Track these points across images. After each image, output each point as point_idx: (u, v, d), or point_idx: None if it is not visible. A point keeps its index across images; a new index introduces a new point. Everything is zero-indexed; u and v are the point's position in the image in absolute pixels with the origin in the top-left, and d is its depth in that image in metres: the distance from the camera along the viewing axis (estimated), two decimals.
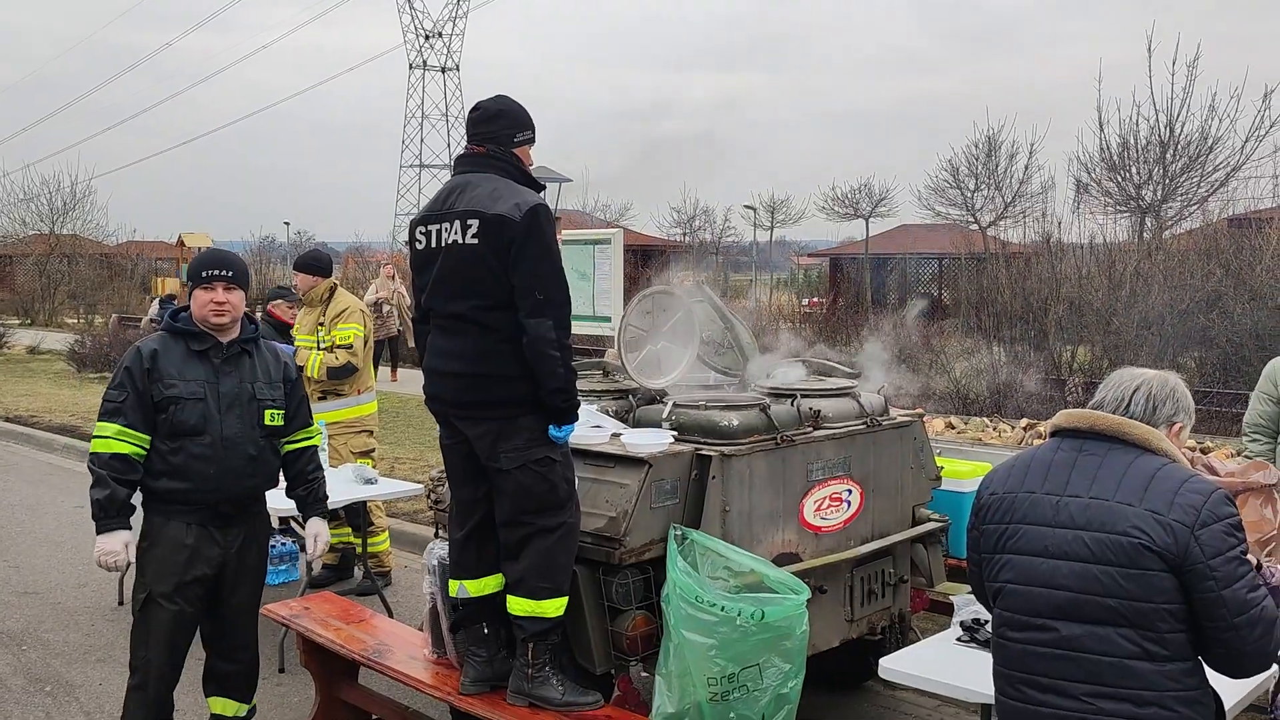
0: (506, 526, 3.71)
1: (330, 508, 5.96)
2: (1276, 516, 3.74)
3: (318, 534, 4.20)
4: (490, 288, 3.60)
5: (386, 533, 6.93)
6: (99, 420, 3.76)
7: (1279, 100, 20.42)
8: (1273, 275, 12.93)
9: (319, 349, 6.61)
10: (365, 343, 6.68)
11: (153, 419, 3.76)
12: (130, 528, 3.79)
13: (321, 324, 6.67)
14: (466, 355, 3.66)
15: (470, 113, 3.85)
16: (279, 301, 7.32)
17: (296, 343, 6.69)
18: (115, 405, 3.74)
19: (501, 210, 3.57)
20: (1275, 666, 2.93)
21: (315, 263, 6.87)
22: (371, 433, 6.88)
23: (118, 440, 3.72)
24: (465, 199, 3.66)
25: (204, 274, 3.86)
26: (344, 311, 6.67)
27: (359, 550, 6.61)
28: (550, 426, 3.63)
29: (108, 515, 3.74)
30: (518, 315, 3.58)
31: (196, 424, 3.79)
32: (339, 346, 6.57)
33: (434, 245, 3.72)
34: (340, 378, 6.62)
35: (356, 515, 6.62)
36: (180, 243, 38.77)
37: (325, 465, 6.25)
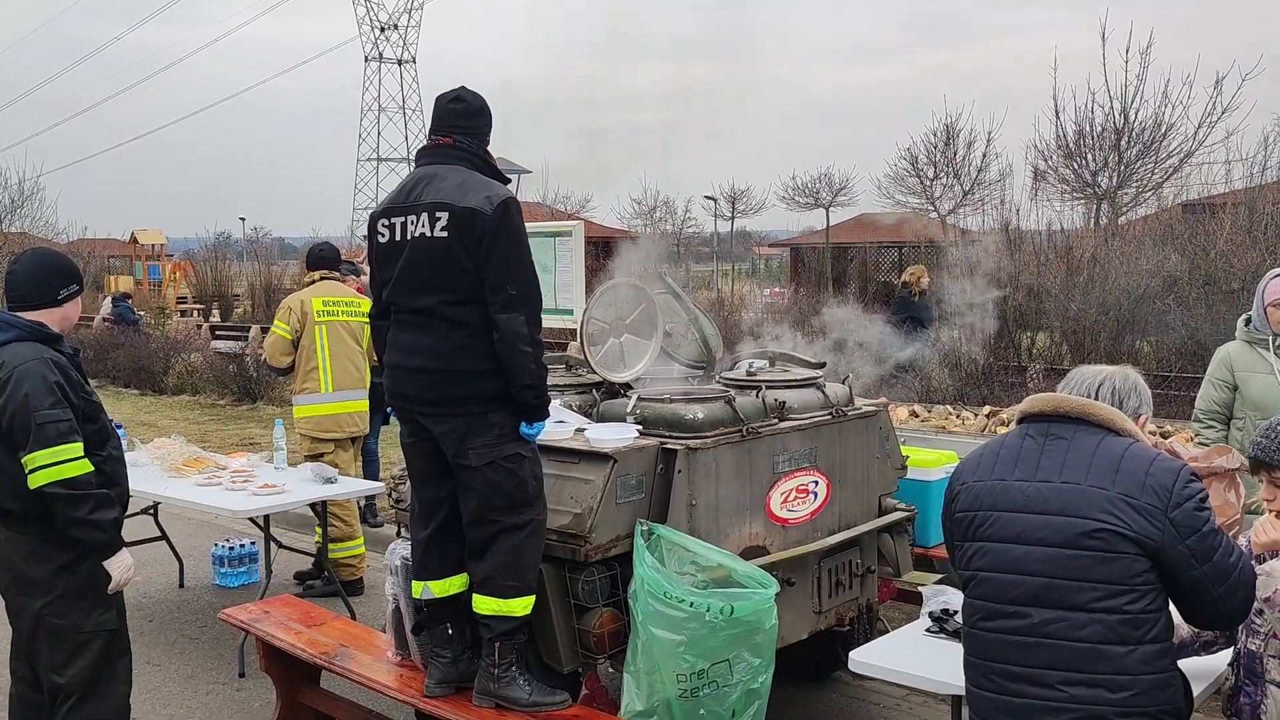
0: (473, 524, 3.65)
1: (287, 509, 5.92)
2: (1239, 501, 3.76)
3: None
4: (459, 282, 3.52)
5: (361, 539, 6.78)
6: (55, 446, 3.40)
7: (1230, 87, 20.74)
8: (1227, 260, 13.10)
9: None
10: (296, 343, 6.59)
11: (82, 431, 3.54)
12: None
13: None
14: (434, 351, 3.59)
15: (447, 103, 3.73)
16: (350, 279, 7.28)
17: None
18: (68, 424, 3.46)
19: (473, 203, 3.50)
20: (1226, 666, 2.95)
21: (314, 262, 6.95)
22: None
23: (86, 460, 3.48)
24: (433, 190, 3.58)
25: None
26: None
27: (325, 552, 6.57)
28: (521, 424, 3.57)
29: (118, 533, 3.59)
30: (488, 310, 3.51)
31: (107, 426, 3.66)
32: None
33: (398, 238, 3.64)
34: (283, 374, 6.89)
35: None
36: (133, 239, 38.14)
37: (283, 464, 6.18)
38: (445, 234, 3.51)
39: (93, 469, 3.49)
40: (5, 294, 3.63)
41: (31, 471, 3.40)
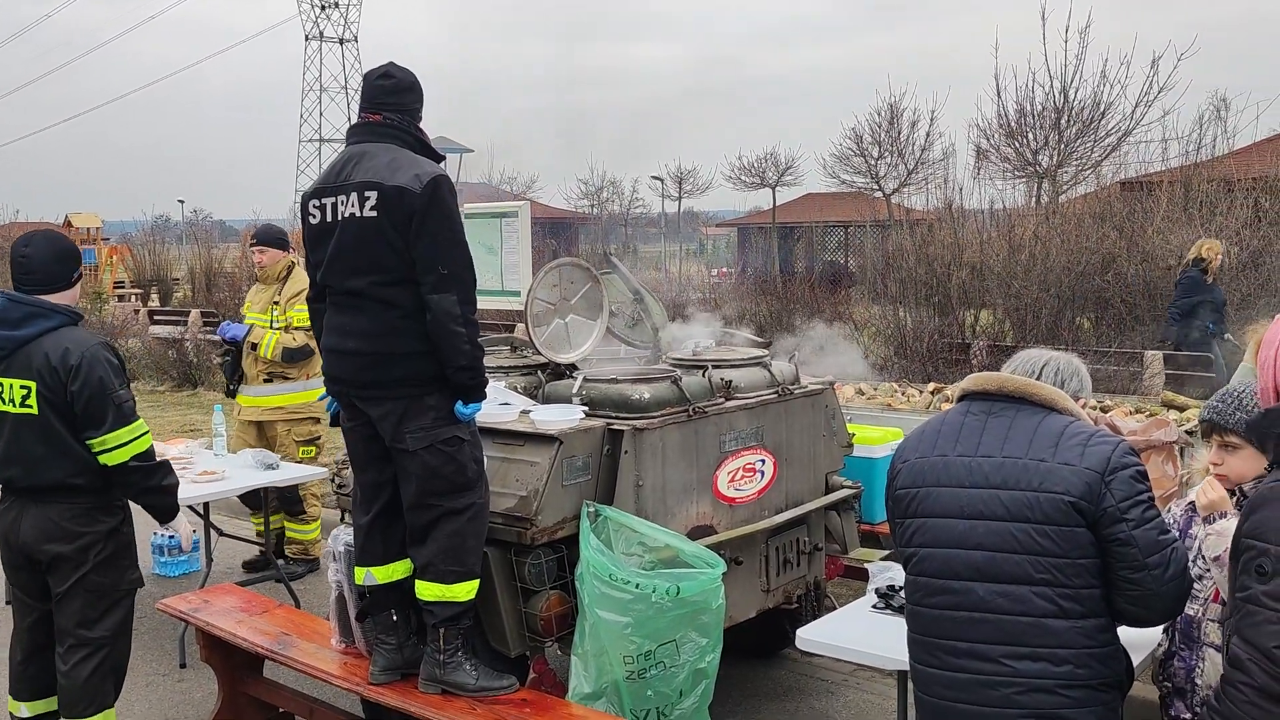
0: (413, 509, 3.59)
1: (228, 495, 5.81)
2: (1177, 472, 3.83)
3: None
4: (391, 262, 3.45)
5: (318, 521, 6.69)
6: (131, 423, 3.69)
7: (1166, 66, 21.09)
8: (1163, 237, 13.33)
9: (273, 328, 6.32)
10: None
11: None
12: None
13: (276, 302, 6.35)
14: (367, 333, 3.51)
15: (375, 79, 3.64)
16: None
17: (248, 320, 6.41)
18: (133, 402, 3.76)
19: (401, 181, 3.42)
20: (1160, 633, 3.00)
21: (281, 236, 6.63)
22: (318, 420, 6.60)
23: (149, 435, 3.78)
24: (362, 169, 3.50)
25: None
26: (302, 292, 6.33)
27: (285, 535, 6.58)
28: (457, 404, 3.51)
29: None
30: (420, 290, 3.44)
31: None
32: (297, 328, 6.27)
33: (329, 219, 3.55)
34: (295, 360, 6.36)
35: (291, 503, 6.44)
36: (68, 223, 37.18)
37: (223, 450, 6.06)
38: (375, 213, 3.43)
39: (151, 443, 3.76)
40: (20, 277, 3.73)
41: (112, 449, 3.63)
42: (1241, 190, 13.77)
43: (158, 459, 3.80)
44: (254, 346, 6.31)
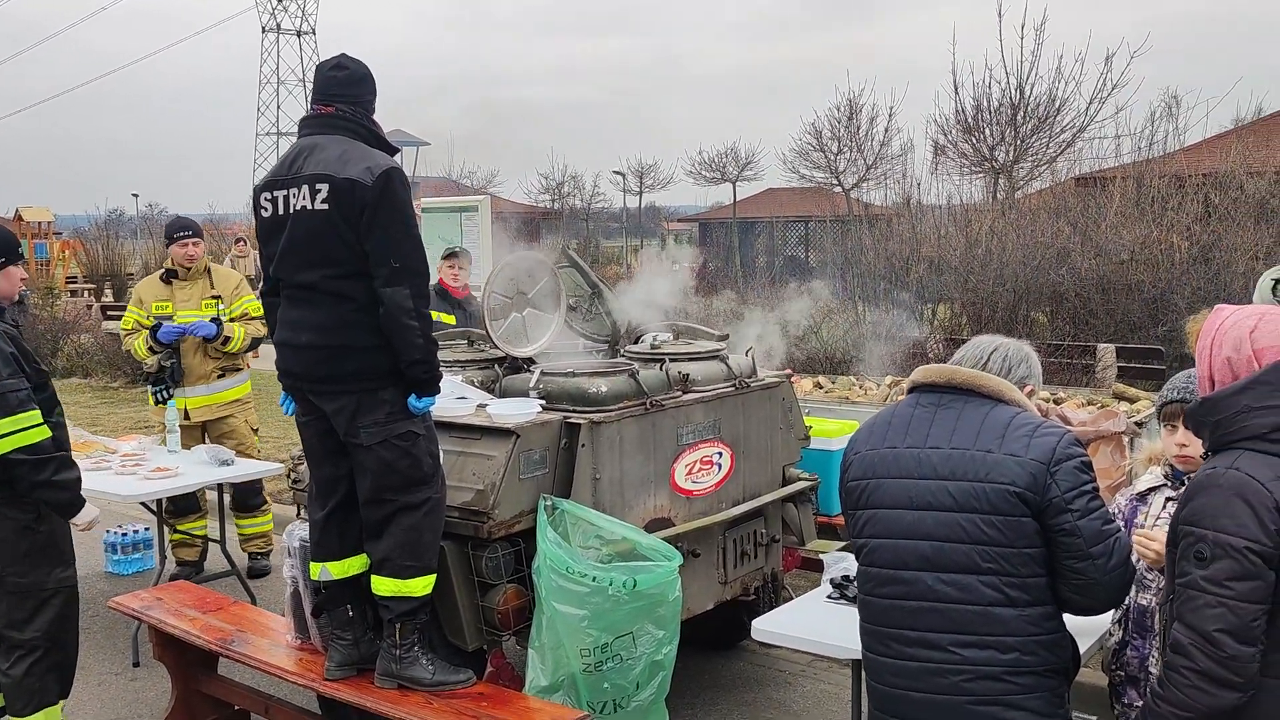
0: (369, 504, 3.57)
1: (184, 493, 5.74)
2: (1126, 462, 3.90)
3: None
4: (343, 255, 3.42)
5: (270, 514, 6.64)
6: (15, 414, 3.57)
7: (1120, 64, 21.40)
8: (1116, 231, 13.54)
9: (231, 321, 6.18)
10: None
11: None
12: None
13: (217, 297, 6.22)
14: (320, 326, 3.48)
15: (328, 71, 3.62)
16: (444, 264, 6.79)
17: (178, 319, 6.13)
18: (26, 392, 3.62)
19: (352, 174, 3.40)
20: (1112, 623, 3.06)
21: (199, 230, 6.52)
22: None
23: (45, 426, 3.65)
24: (313, 162, 3.47)
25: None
26: (241, 283, 6.40)
27: (247, 533, 6.47)
28: (411, 398, 3.49)
29: (79, 492, 3.76)
30: (373, 284, 3.42)
31: (55, 394, 3.80)
32: (254, 318, 6.18)
33: (281, 212, 3.52)
34: (252, 349, 6.42)
35: (252, 495, 6.37)
36: (18, 217, 36.49)
37: (176, 447, 5.98)
38: (326, 206, 3.40)
39: (50, 435, 3.65)
40: None
41: None
42: (1192, 186, 14.00)
43: (54, 454, 3.65)
44: (207, 342, 6.17)
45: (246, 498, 6.38)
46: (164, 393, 6.14)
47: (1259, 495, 2.11)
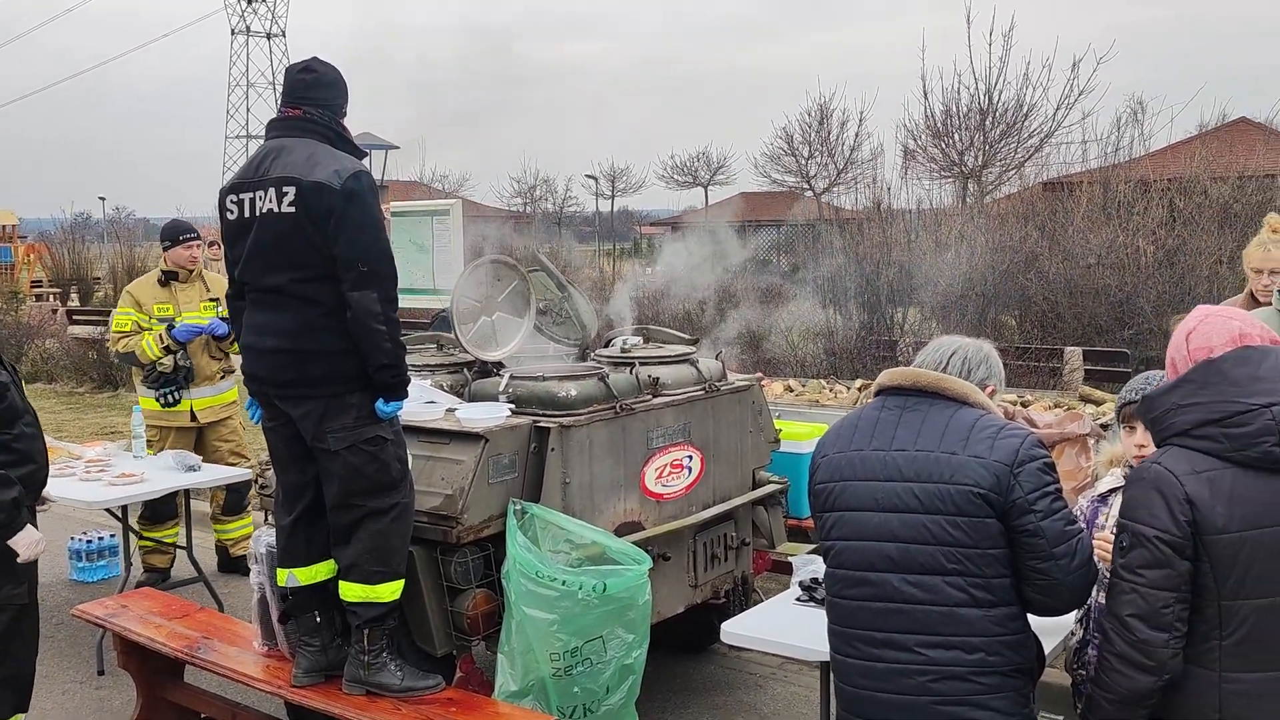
0: (336, 510, 3.55)
1: (148, 498, 5.68)
2: (1090, 464, 3.93)
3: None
4: (310, 259, 3.40)
5: (251, 517, 6.59)
6: None
7: (1086, 69, 21.63)
8: (1083, 236, 13.67)
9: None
10: None
11: None
12: None
13: (215, 299, 6.16)
14: (286, 331, 3.46)
15: (296, 74, 3.61)
16: None
17: (181, 320, 6.07)
18: None
19: (320, 177, 3.38)
20: (1074, 623, 3.09)
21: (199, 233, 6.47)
22: None
23: None
24: (280, 165, 3.45)
25: None
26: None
27: (235, 535, 6.45)
28: (378, 402, 3.47)
29: (18, 511, 3.59)
30: (341, 288, 3.40)
31: (16, 404, 3.66)
32: None
33: (247, 215, 3.50)
34: None
35: (242, 498, 6.33)
36: None
37: (143, 452, 5.92)
38: (293, 209, 3.38)
39: None
40: None
41: None
42: (1157, 191, 14.16)
43: None
44: (218, 341, 6.14)
45: (237, 501, 6.35)
46: (173, 394, 6.12)
47: (1172, 488, 2.23)
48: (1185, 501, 2.22)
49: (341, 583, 3.57)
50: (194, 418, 6.19)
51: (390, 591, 3.53)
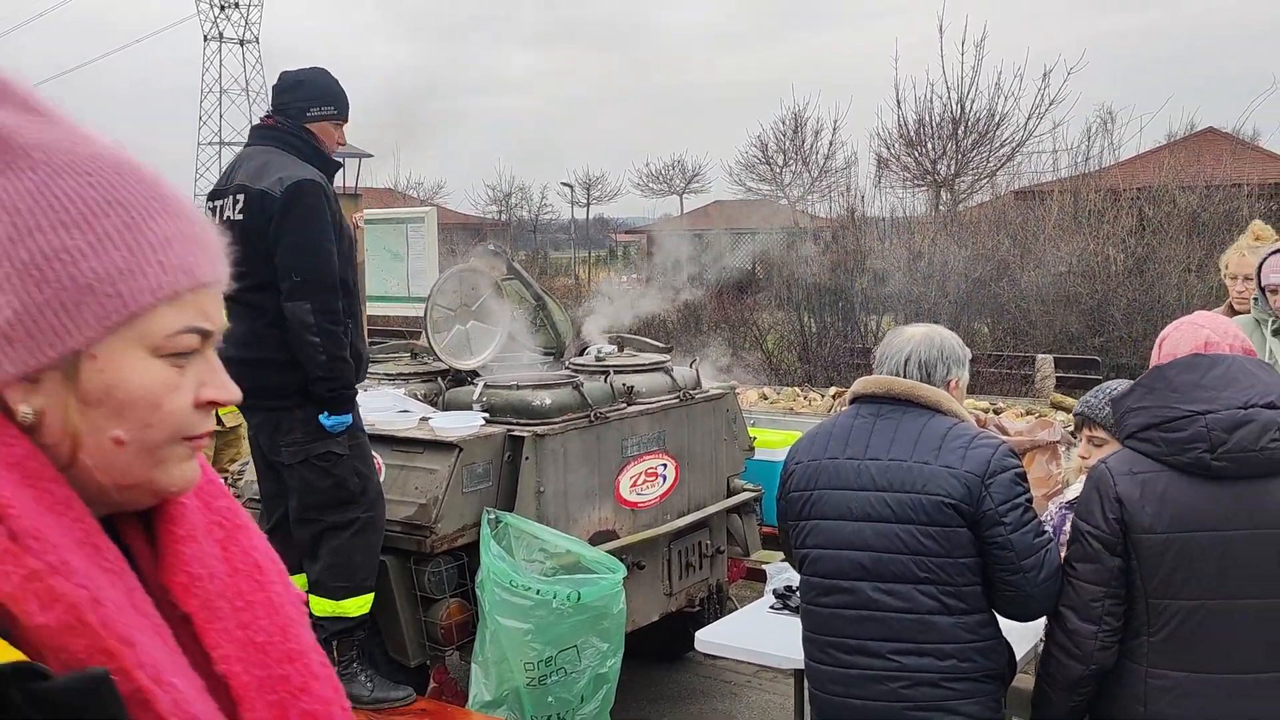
0: (296, 523, 3.52)
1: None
2: (1061, 471, 3.97)
3: None
4: (257, 267, 3.35)
5: None
6: None
7: (1057, 80, 21.89)
8: (1054, 244, 13.82)
9: None
10: None
11: None
12: None
13: None
14: (239, 340, 3.41)
15: (275, 83, 3.67)
16: None
17: None
18: None
19: (264, 185, 3.37)
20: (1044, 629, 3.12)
21: None
22: None
23: None
24: (240, 173, 3.48)
25: None
26: None
27: None
28: (321, 415, 3.40)
29: None
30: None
31: None
32: None
33: (219, 223, 3.49)
34: None
35: None
36: None
37: None
38: (241, 217, 3.39)
39: None
40: None
41: None
42: (1127, 200, 14.34)
43: None
44: None
45: None
46: None
47: (1107, 486, 2.32)
48: (1115, 500, 2.30)
49: (310, 596, 3.54)
50: (220, 422, 6.18)
51: (357, 606, 3.50)
